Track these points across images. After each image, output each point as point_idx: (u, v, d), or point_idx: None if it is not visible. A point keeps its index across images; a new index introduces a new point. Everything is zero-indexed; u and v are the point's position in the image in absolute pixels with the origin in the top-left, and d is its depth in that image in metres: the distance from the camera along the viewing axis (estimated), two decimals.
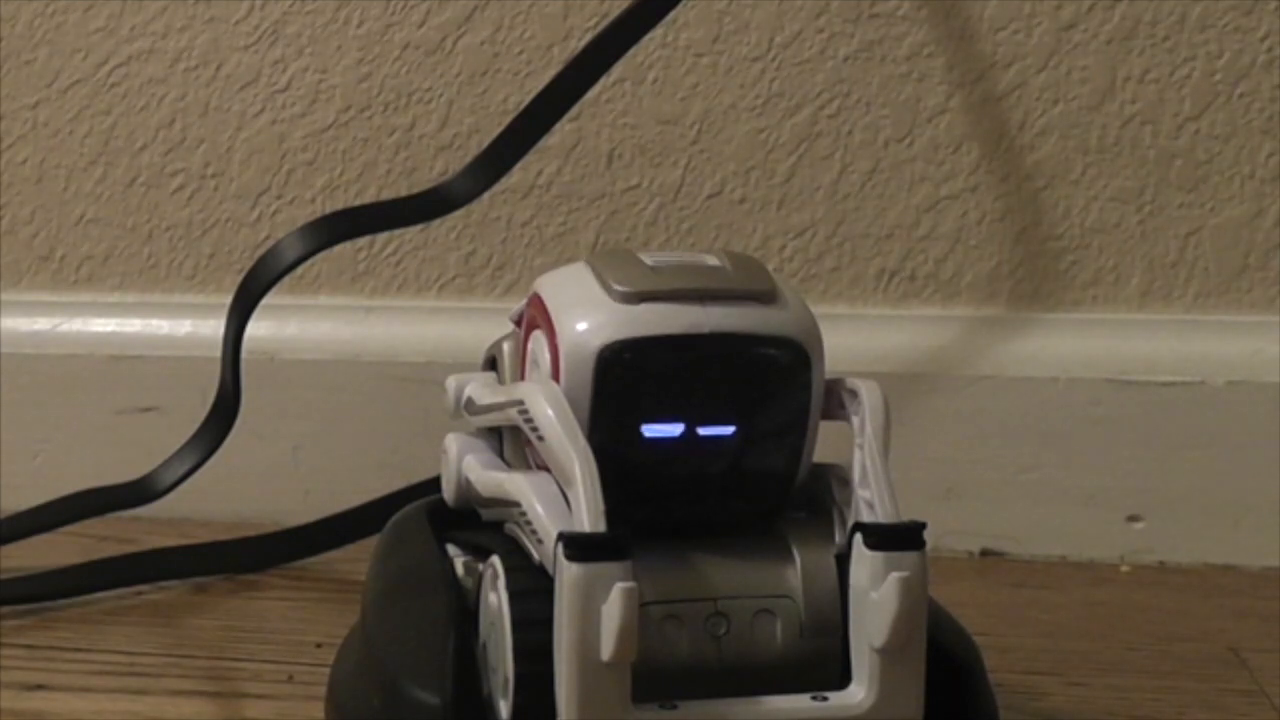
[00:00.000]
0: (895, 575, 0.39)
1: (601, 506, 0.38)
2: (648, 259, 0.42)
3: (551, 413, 0.39)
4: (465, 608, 0.44)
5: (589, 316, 0.40)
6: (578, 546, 0.37)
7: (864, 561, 0.39)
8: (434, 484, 0.53)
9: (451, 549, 0.47)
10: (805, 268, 0.72)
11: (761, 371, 0.41)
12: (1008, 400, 0.70)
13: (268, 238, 0.76)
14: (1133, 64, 0.69)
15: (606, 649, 0.37)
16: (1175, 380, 0.68)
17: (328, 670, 0.48)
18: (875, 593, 0.39)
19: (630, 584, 0.37)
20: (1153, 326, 0.70)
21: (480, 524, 0.47)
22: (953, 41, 0.70)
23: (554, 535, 0.38)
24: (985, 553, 0.70)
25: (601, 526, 0.38)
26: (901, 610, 0.39)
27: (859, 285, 0.72)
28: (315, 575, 0.68)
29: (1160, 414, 0.68)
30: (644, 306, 0.40)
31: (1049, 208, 0.71)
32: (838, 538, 0.41)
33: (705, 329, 0.40)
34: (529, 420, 0.40)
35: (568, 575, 0.37)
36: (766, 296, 0.41)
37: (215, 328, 0.66)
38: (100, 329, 0.77)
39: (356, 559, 0.65)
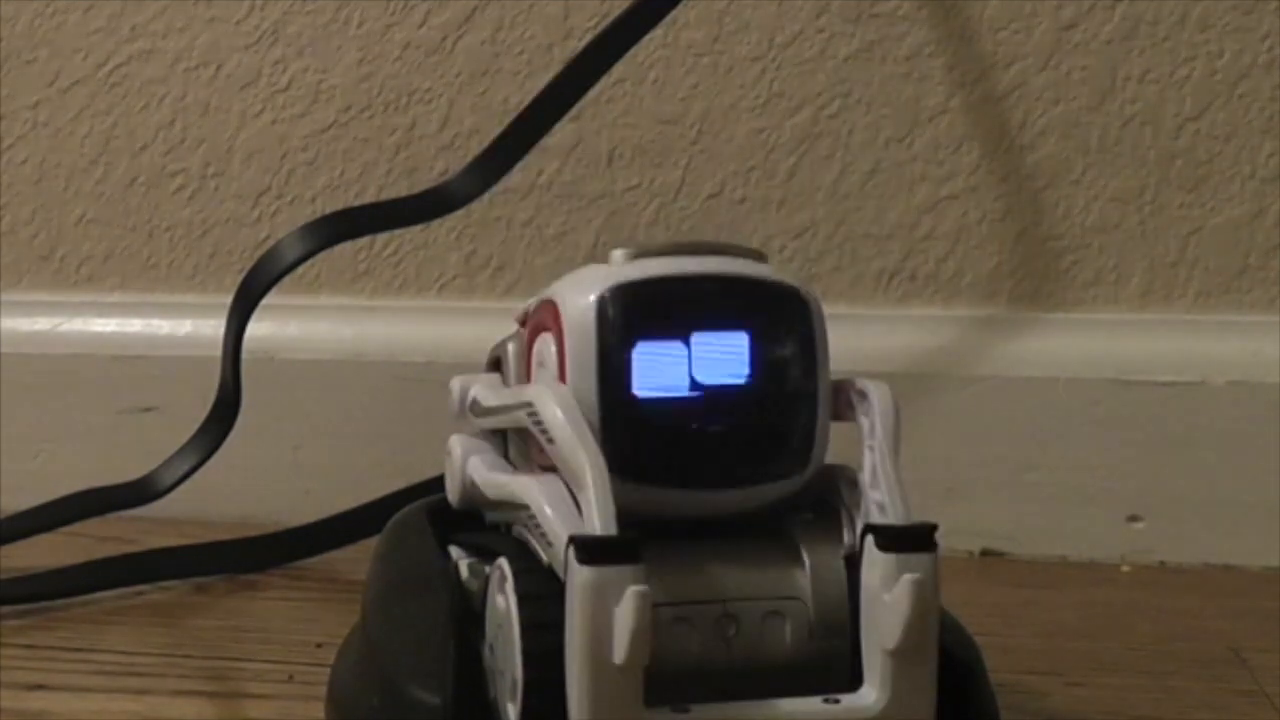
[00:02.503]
0: (908, 578, 0.38)
1: (613, 509, 0.38)
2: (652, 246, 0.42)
3: (561, 414, 0.39)
4: (468, 609, 0.44)
5: (589, 287, 0.41)
6: (589, 550, 0.37)
7: (876, 563, 0.39)
8: (435, 484, 0.53)
9: (455, 551, 0.47)
10: (805, 268, 0.72)
11: (762, 310, 0.41)
12: (1008, 400, 0.70)
13: (268, 238, 0.76)
14: (1133, 64, 0.69)
15: (619, 653, 0.37)
16: (1175, 380, 0.68)
17: (328, 670, 0.47)
18: (888, 595, 0.39)
19: (643, 588, 0.37)
20: (1153, 326, 0.70)
21: (483, 525, 0.47)
22: (953, 41, 0.70)
23: (564, 539, 0.38)
24: (985, 553, 0.70)
25: (613, 529, 0.37)
26: (914, 612, 0.38)
27: (859, 285, 0.72)
28: (315, 575, 0.68)
29: (1160, 414, 0.68)
30: (640, 261, 0.41)
31: (1049, 208, 0.71)
32: (846, 539, 0.41)
33: (701, 271, 0.41)
34: (538, 422, 0.40)
35: (579, 579, 0.37)
36: (761, 258, 0.42)
37: (215, 328, 0.66)
38: (101, 329, 0.77)
39: (356, 559, 0.65)
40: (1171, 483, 0.69)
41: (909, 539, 0.39)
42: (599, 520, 0.38)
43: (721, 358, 0.41)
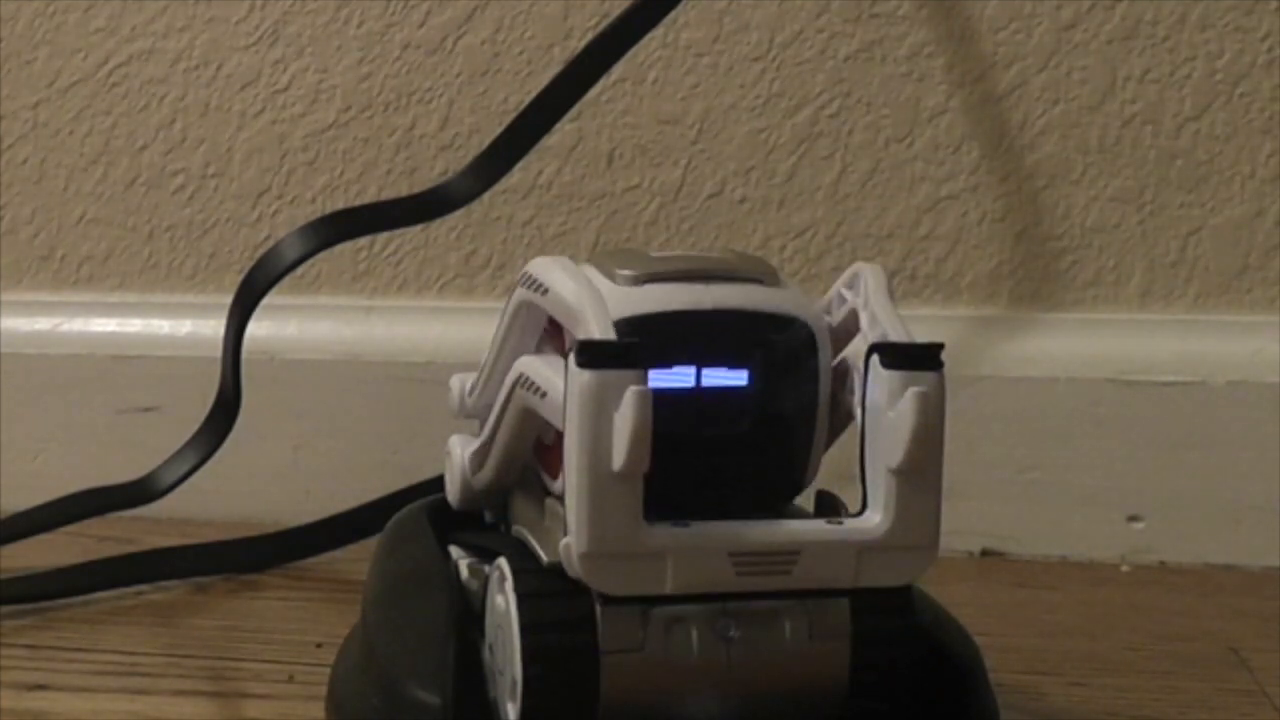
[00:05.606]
0: (913, 390, 0.37)
1: (610, 325, 0.37)
2: (651, 253, 0.42)
3: (555, 265, 0.39)
4: (468, 609, 0.44)
5: None
6: (589, 353, 0.36)
7: (881, 381, 0.38)
8: (434, 484, 0.53)
9: (455, 551, 0.47)
10: (805, 268, 0.72)
11: (766, 348, 0.40)
12: (1008, 400, 0.70)
13: (268, 238, 0.76)
14: (1133, 64, 0.69)
15: (619, 458, 0.36)
16: (1175, 380, 0.68)
17: (328, 670, 0.47)
18: (892, 411, 0.38)
19: (644, 388, 0.36)
20: (1153, 326, 0.70)
21: (483, 526, 0.47)
22: (953, 41, 0.70)
23: (559, 384, 0.37)
24: (985, 553, 0.70)
25: (611, 336, 0.37)
26: (918, 426, 0.37)
27: None
28: (315, 575, 0.68)
29: (1160, 414, 0.68)
30: (648, 287, 0.40)
31: (1049, 208, 0.71)
32: None
33: (708, 305, 0.40)
34: (534, 284, 0.40)
35: (578, 382, 0.36)
36: (770, 279, 0.41)
37: (215, 328, 0.66)
38: (101, 329, 0.77)
39: (356, 559, 0.65)
40: (1171, 483, 0.69)
41: (914, 356, 0.38)
42: (597, 330, 0.37)
43: (726, 385, 0.41)
